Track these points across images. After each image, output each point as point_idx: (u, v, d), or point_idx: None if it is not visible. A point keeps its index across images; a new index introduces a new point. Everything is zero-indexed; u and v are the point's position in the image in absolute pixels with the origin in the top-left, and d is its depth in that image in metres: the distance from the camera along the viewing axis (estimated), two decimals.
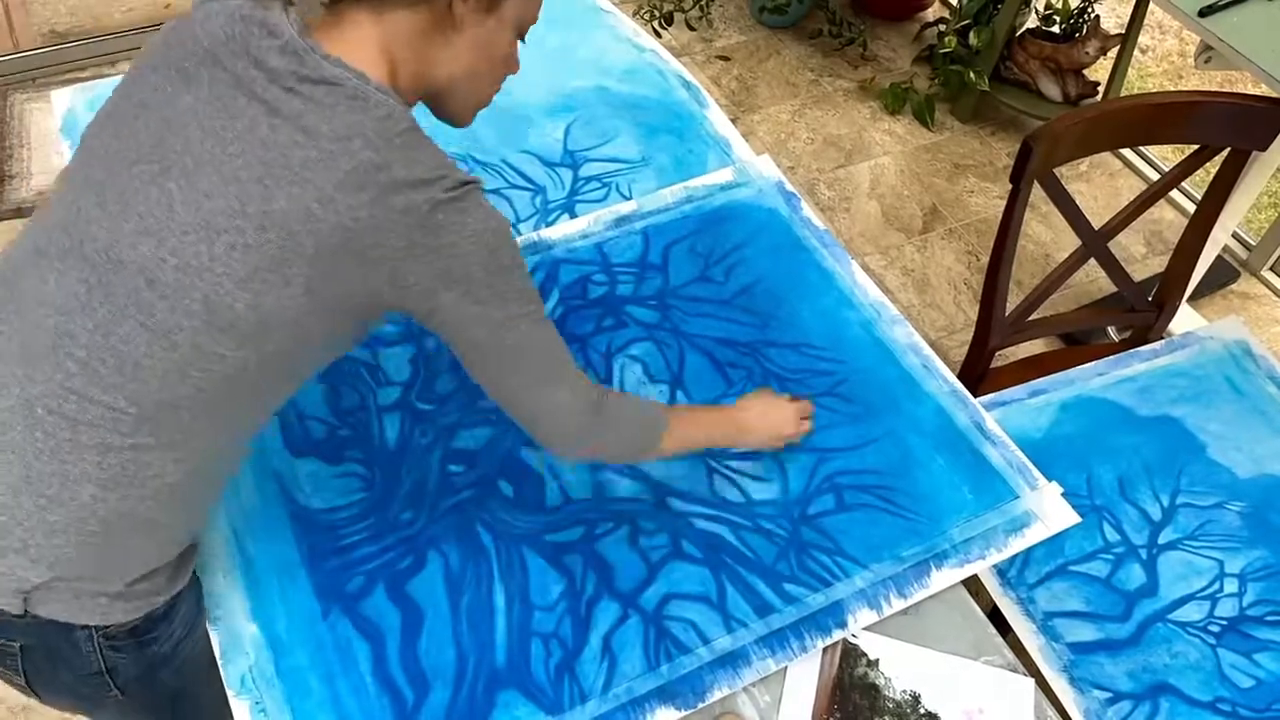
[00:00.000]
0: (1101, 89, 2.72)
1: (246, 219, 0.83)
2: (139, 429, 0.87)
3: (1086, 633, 1.21)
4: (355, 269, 0.86)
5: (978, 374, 1.65)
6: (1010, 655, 1.13)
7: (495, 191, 1.52)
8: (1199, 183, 2.44)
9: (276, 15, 0.87)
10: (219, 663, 1.04)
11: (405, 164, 0.85)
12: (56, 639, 0.94)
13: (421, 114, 0.95)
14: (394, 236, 0.85)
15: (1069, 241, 2.48)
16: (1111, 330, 2.25)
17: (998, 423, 1.31)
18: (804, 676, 1.09)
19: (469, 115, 1.05)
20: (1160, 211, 2.67)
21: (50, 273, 0.87)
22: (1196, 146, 1.57)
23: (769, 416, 1.21)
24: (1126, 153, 2.81)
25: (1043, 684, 1.14)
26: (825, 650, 1.11)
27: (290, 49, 0.85)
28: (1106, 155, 2.81)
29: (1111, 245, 1.63)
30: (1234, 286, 2.53)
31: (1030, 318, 1.64)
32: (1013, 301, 1.61)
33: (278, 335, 0.87)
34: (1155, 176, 2.70)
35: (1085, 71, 2.73)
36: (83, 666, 0.96)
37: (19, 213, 2.36)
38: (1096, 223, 1.60)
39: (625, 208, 1.51)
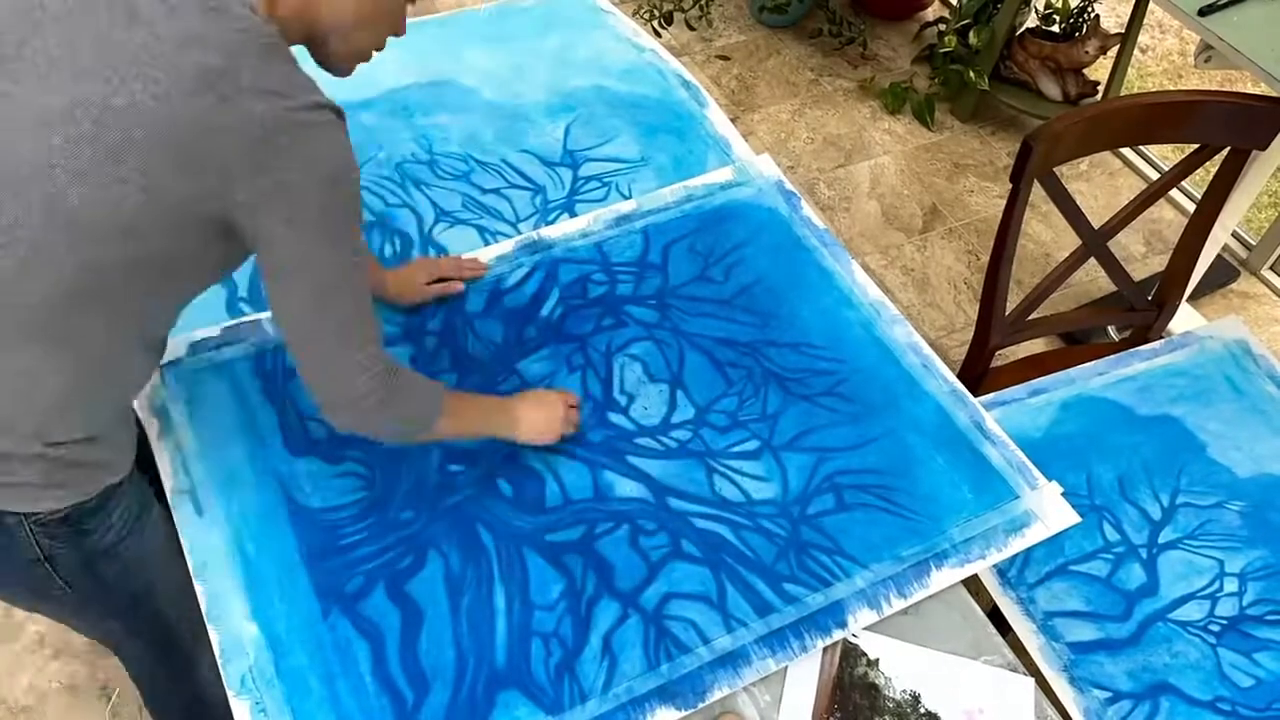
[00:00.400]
0: (1101, 88, 2.72)
1: (85, 112, 0.82)
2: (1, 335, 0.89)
3: (1086, 632, 1.21)
4: (188, 172, 0.85)
5: (977, 373, 1.65)
6: (1010, 655, 1.13)
7: (495, 191, 1.52)
8: (1199, 182, 2.44)
9: None
10: (219, 662, 1.04)
11: (254, 74, 0.85)
12: None
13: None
14: (229, 144, 0.84)
15: (1069, 241, 2.48)
16: (1111, 330, 2.25)
17: (998, 422, 1.31)
18: (804, 676, 1.09)
19: (349, 65, 1.04)
20: (1160, 211, 2.67)
21: None
22: (1196, 146, 1.57)
23: (539, 411, 1.19)
24: (1126, 152, 2.81)
25: (1043, 683, 1.14)
26: (825, 650, 1.11)
27: None
28: (1106, 154, 2.81)
29: (1111, 244, 1.63)
30: (1234, 286, 2.53)
31: (1030, 317, 1.64)
32: (1013, 301, 1.61)
33: (116, 240, 0.86)
34: (1155, 176, 2.70)
35: (1085, 71, 2.73)
36: (22, 552, 0.99)
37: None
38: (1096, 222, 1.60)
39: (625, 207, 1.51)
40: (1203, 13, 1.85)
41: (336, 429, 1.02)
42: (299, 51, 0.94)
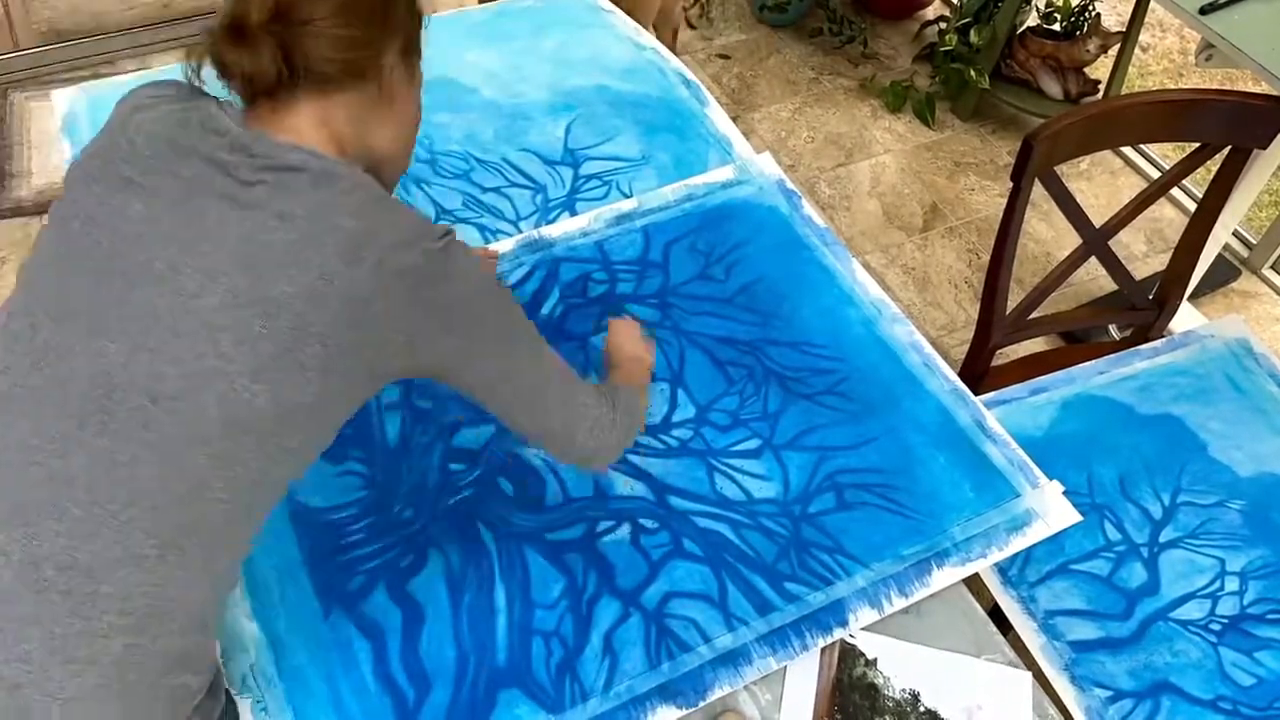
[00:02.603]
0: (1102, 87, 2.72)
1: (249, 309, 0.79)
2: (162, 562, 0.81)
3: (1087, 631, 1.21)
4: (369, 339, 0.84)
5: (978, 372, 1.65)
6: (1011, 653, 1.13)
7: (496, 190, 1.52)
8: (1200, 181, 2.44)
9: (214, 111, 0.86)
10: (220, 661, 1.04)
11: (391, 226, 0.85)
12: None
13: None
14: (401, 299, 0.84)
15: (1070, 240, 2.47)
16: (1112, 328, 2.25)
17: (999, 421, 1.31)
18: (805, 675, 1.09)
19: (396, 184, 1.05)
20: (1161, 210, 2.67)
21: (22, 418, 0.81)
22: (1197, 145, 1.57)
23: (642, 355, 1.24)
24: (1127, 151, 2.81)
25: (1044, 682, 1.14)
26: (823, 651, 1.11)
27: (239, 143, 0.83)
28: (1107, 153, 2.81)
29: (1112, 243, 1.63)
30: (1235, 285, 2.53)
31: (1031, 316, 1.64)
32: (1013, 300, 1.61)
33: (300, 425, 0.84)
34: (1156, 175, 2.70)
35: (1086, 69, 2.73)
36: None
37: (18, 210, 2.36)
38: (1097, 221, 1.60)
39: (626, 205, 1.51)
40: (1204, 11, 1.85)
41: (600, 470, 1.15)
42: None
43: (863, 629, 1.12)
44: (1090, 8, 2.70)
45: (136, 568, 0.80)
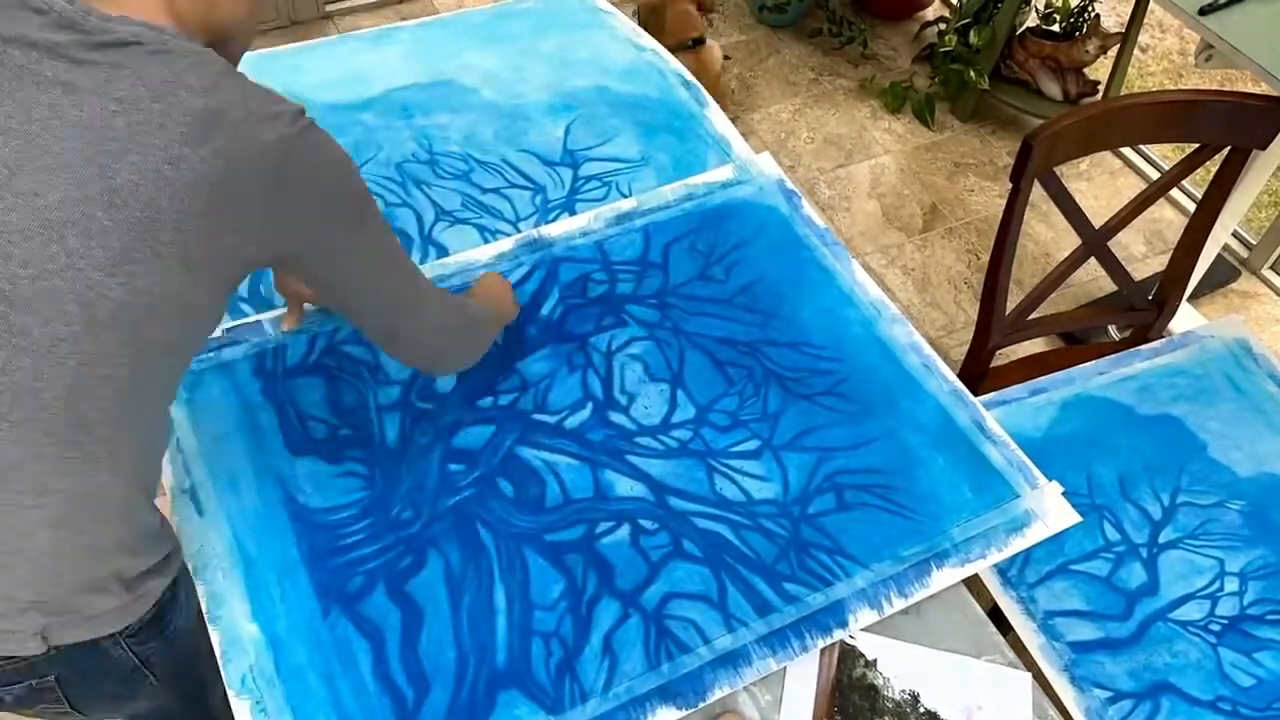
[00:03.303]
0: (1102, 88, 2.72)
1: (93, 202, 0.76)
2: (65, 460, 0.82)
3: (1087, 632, 1.21)
4: (225, 224, 0.81)
5: (978, 373, 1.65)
6: (1011, 654, 1.13)
7: (495, 190, 1.52)
8: (1199, 181, 2.44)
9: None
10: (220, 661, 1.04)
11: (239, 105, 0.80)
12: (88, 658, 0.95)
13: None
14: (254, 182, 0.81)
15: (1069, 240, 2.48)
16: (1112, 329, 2.25)
17: (998, 422, 1.31)
18: (804, 676, 1.09)
19: (239, 56, 0.97)
20: (1160, 210, 2.67)
21: None
22: (1197, 145, 1.57)
23: (499, 297, 1.29)
24: (1127, 151, 2.81)
25: (1043, 683, 1.14)
26: (823, 652, 1.11)
27: (65, 20, 0.77)
28: (1107, 154, 2.81)
29: (1112, 244, 1.63)
30: (1234, 285, 2.53)
31: (1030, 317, 1.64)
32: (1013, 300, 1.61)
33: (169, 315, 0.82)
34: (1155, 175, 2.70)
35: (1085, 70, 2.73)
36: (119, 669, 0.98)
37: None
38: (1097, 222, 1.60)
39: (625, 205, 1.51)
40: (1203, 12, 1.85)
41: (444, 374, 1.16)
42: None
43: (862, 630, 1.12)
44: (1089, 8, 2.70)
45: (41, 465, 0.82)
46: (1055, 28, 2.76)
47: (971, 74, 2.68)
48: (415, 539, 1.15)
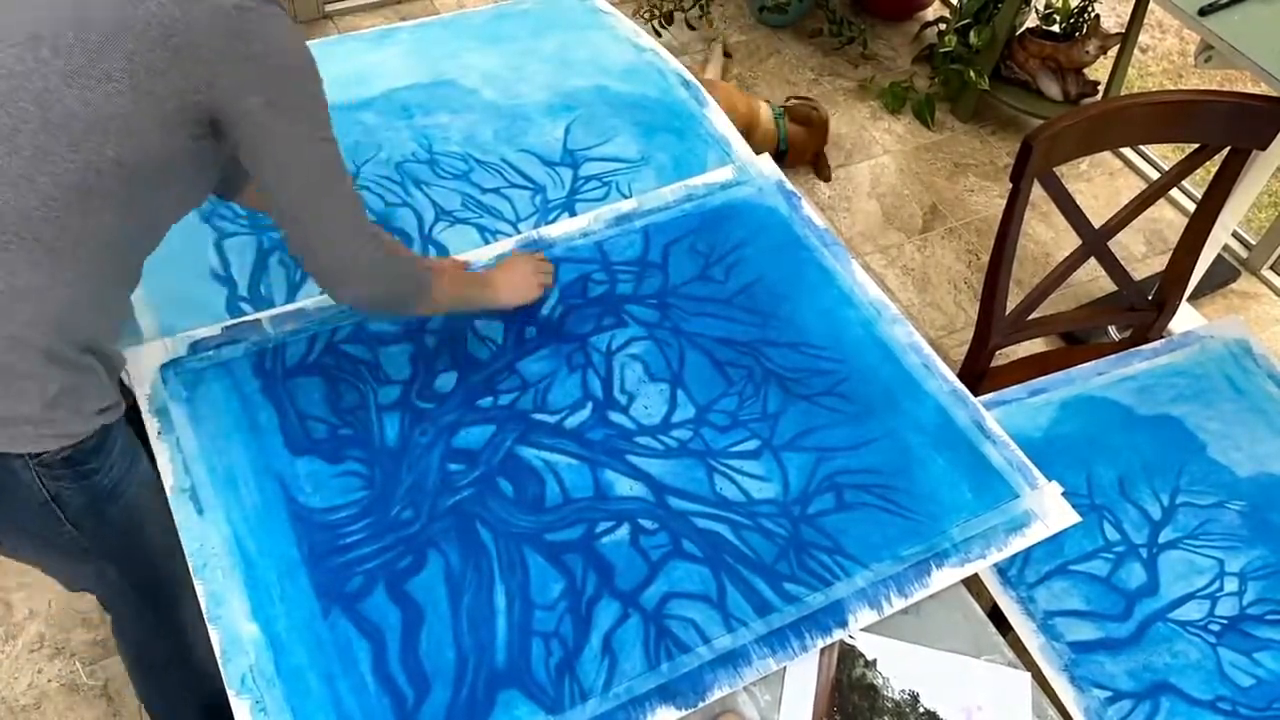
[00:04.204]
0: (1102, 88, 2.72)
1: (64, 23, 0.89)
2: (7, 250, 0.91)
3: (1087, 632, 1.21)
4: (173, 65, 0.91)
5: (978, 373, 1.65)
6: (1010, 654, 1.13)
7: (495, 190, 1.52)
8: (1199, 182, 2.44)
9: None
10: (220, 661, 1.04)
11: None
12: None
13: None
14: (206, 35, 0.92)
15: (1069, 241, 2.48)
16: (1112, 329, 2.25)
17: (998, 422, 1.31)
18: (804, 676, 1.09)
19: None
20: (1160, 211, 2.67)
21: None
22: (1196, 146, 1.57)
23: (512, 273, 1.32)
24: (1127, 152, 2.81)
25: (1043, 683, 1.14)
26: (822, 652, 1.11)
27: None
28: (1106, 154, 2.81)
29: (1112, 244, 1.63)
30: (1234, 285, 2.53)
31: (1030, 317, 1.64)
32: (1013, 300, 1.61)
33: (112, 134, 0.91)
34: (1155, 176, 2.70)
35: (1085, 70, 2.73)
36: (29, 496, 1.01)
37: None
38: (1097, 222, 1.60)
39: (625, 206, 1.51)
40: (1203, 12, 1.85)
41: (339, 300, 1.10)
42: None
43: (862, 630, 1.12)
44: (1089, 9, 2.70)
45: None
46: (1055, 28, 2.76)
47: (971, 74, 2.68)
48: (415, 539, 1.15)
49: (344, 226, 1.04)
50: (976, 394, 1.36)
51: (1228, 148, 1.58)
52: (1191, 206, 1.90)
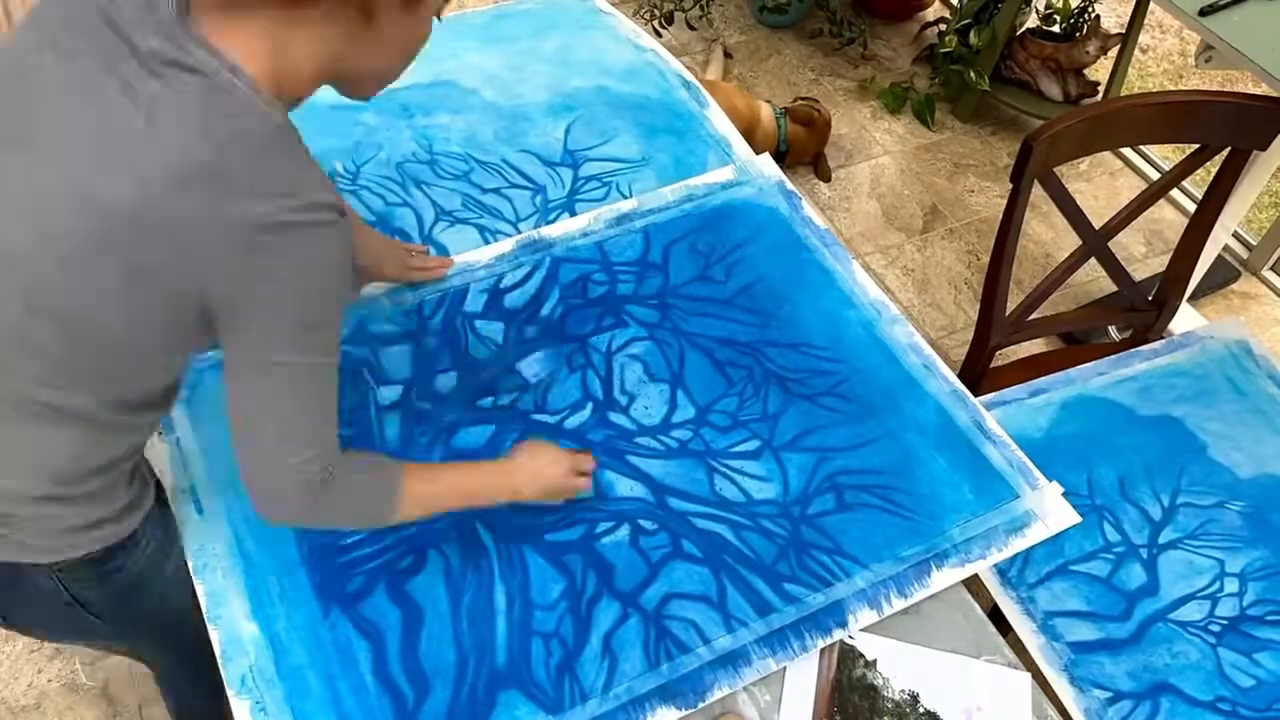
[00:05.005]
0: (1102, 88, 2.72)
1: (71, 199, 0.79)
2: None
3: (1087, 632, 1.21)
4: (169, 266, 0.80)
5: (978, 373, 1.65)
6: (1010, 655, 1.13)
7: (495, 190, 1.52)
8: (1199, 182, 2.44)
9: None
10: (220, 661, 1.04)
11: (248, 172, 0.79)
12: (17, 578, 0.97)
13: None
14: (212, 242, 0.79)
15: (1069, 241, 2.48)
16: (1112, 330, 2.25)
17: (998, 422, 1.31)
18: (804, 676, 1.09)
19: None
20: (1160, 211, 2.67)
21: None
22: (1197, 146, 1.57)
23: (542, 477, 1.10)
24: (1127, 152, 2.81)
25: (1043, 683, 1.14)
26: (823, 652, 1.11)
27: (164, 27, 0.78)
28: (1107, 155, 2.81)
29: (1112, 245, 1.63)
30: (1234, 286, 2.53)
31: (1031, 317, 1.64)
32: (1013, 301, 1.61)
33: (99, 328, 0.83)
34: (1155, 176, 2.70)
35: (1085, 71, 2.73)
36: (53, 600, 0.99)
37: None
38: (1097, 222, 1.60)
39: (626, 206, 1.51)
40: (1203, 13, 1.85)
41: (269, 521, 0.95)
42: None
43: (862, 630, 1.12)
44: (1090, 9, 2.70)
45: None
46: (1055, 29, 2.76)
47: (972, 75, 2.68)
48: (415, 539, 1.15)
49: (285, 450, 0.89)
50: (977, 394, 1.36)
51: (1228, 148, 1.58)
52: (1192, 207, 1.90)
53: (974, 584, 1.19)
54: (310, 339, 0.87)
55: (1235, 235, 2.57)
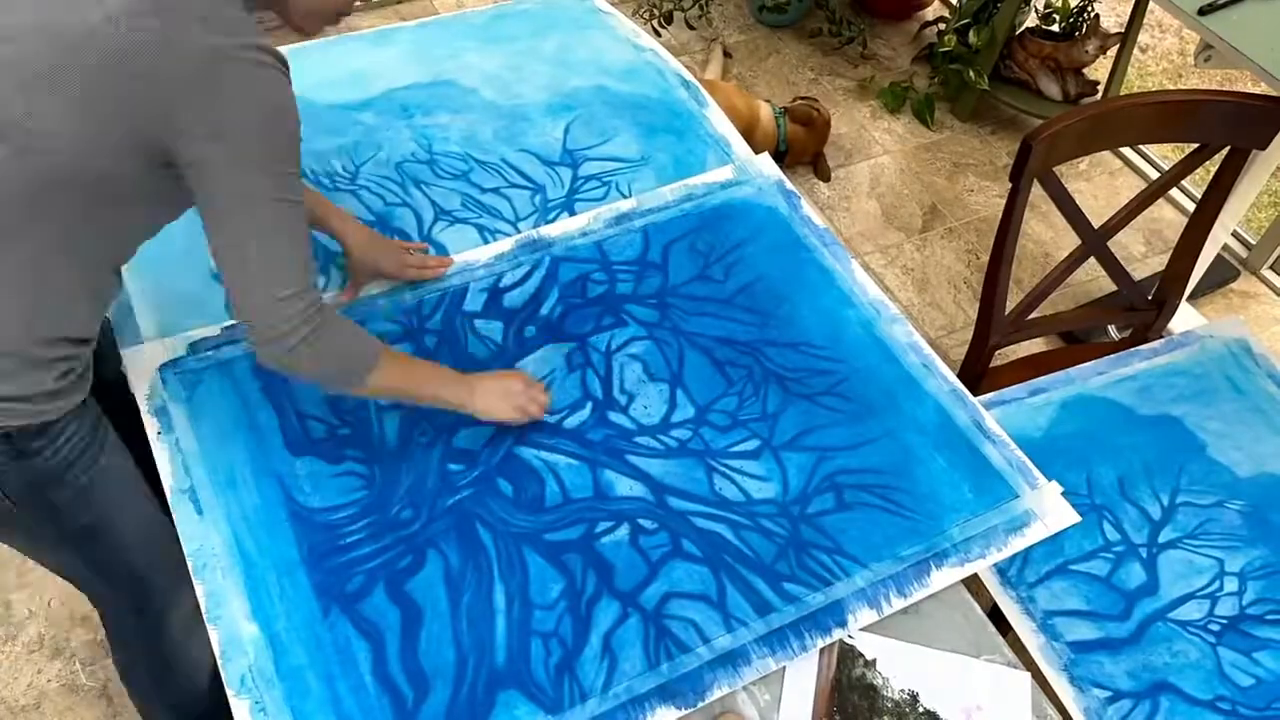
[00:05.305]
0: (1101, 88, 2.72)
1: (37, 32, 0.89)
2: None
3: (1086, 631, 1.21)
4: (129, 90, 0.89)
5: (977, 373, 1.65)
6: (1010, 654, 1.13)
7: (495, 190, 1.52)
8: (1199, 181, 2.44)
9: None
10: (220, 661, 1.04)
11: (204, 7, 0.90)
12: None
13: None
14: (173, 71, 0.89)
15: (1069, 240, 2.48)
16: (1111, 329, 2.25)
17: (998, 421, 1.31)
18: (804, 676, 1.09)
19: (315, 24, 1.08)
20: (1160, 210, 2.67)
21: None
22: (1196, 145, 1.57)
23: (498, 385, 1.20)
24: (1126, 151, 2.81)
25: (1043, 683, 1.14)
26: (822, 651, 1.11)
27: None
28: (1106, 154, 2.81)
29: (1111, 244, 1.63)
30: (1234, 285, 2.53)
31: (1030, 316, 1.64)
32: (1013, 300, 1.61)
33: (58, 154, 0.91)
34: (1155, 175, 2.70)
35: (1085, 70, 2.73)
36: None
37: None
38: (1096, 221, 1.60)
39: (625, 205, 1.51)
40: (1203, 12, 1.85)
41: (260, 362, 1.05)
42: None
43: (862, 629, 1.12)
44: (1089, 9, 2.70)
45: None
46: (1055, 28, 2.76)
47: (971, 74, 2.68)
48: (415, 539, 1.15)
49: (274, 281, 0.98)
50: (976, 394, 1.36)
51: (1227, 147, 1.58)
52: (1191, 206, 1.90)
53: (974, 583, 1.19)
54: (278, 175, 0.96)
55: (1235, 234, 2.57)
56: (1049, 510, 1.22)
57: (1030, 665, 1.15)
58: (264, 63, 0.93)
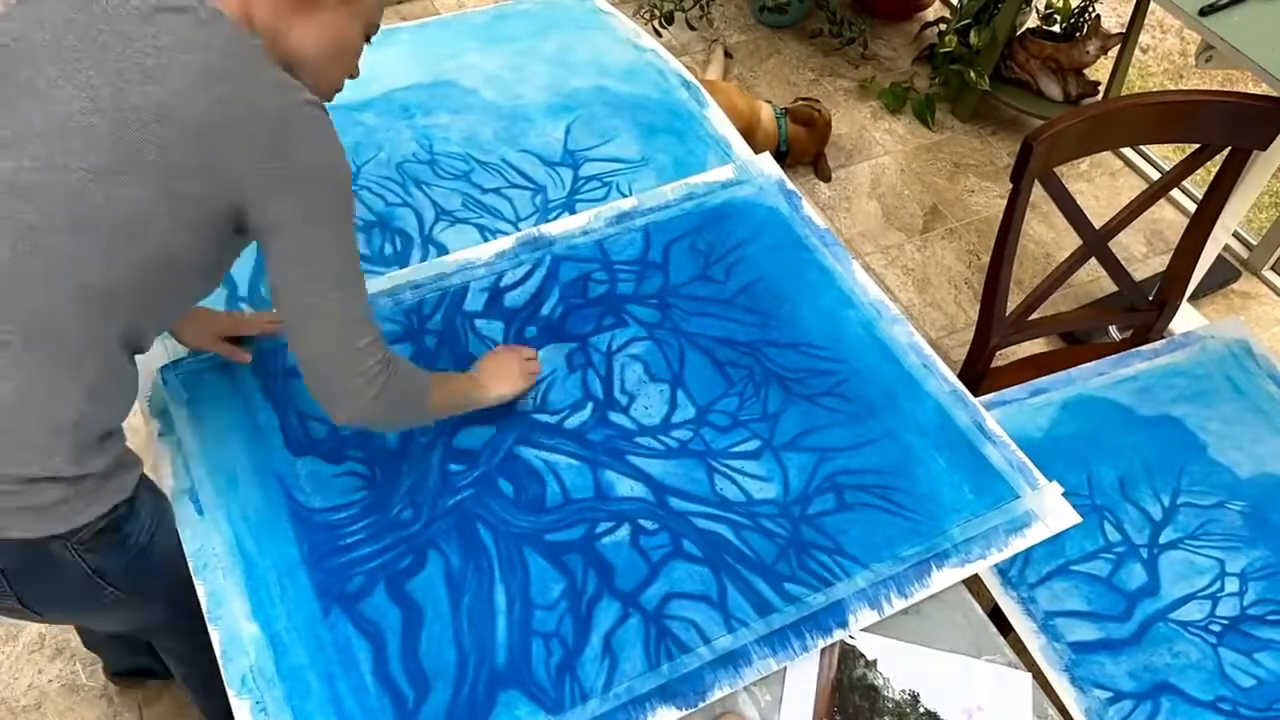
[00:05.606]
0: (1102, 88, 2.72)
1: (100, 115, 0.88)
2: (10, 349, 0.90)
3: (1087, 632, 1.21)
4: (204, 162, 0.90)
5: (978, 373, 1.65)
6: (1011, 655, 1.13)
7: (496, 190, 1.52)
8: (1200, 182, 2.44)
9: None
10: (220, 661, 1.04)
11: (255, 72, 0.92)
12: (36, 556, 0.97)
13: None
14: (242, 134, 0.90)
15: (1070, 241, 2.48)
16: (1112, 329, 2.25)
17: (998, 422, 1.31)
18: (804, 676, 1.09)
19: (315, 92, 1.05)
20: (1161, 211, 2.67)
21: None
22: (1197, 146, 1.57)
23: (500, 368, 1.24)
24: (1127, 152, 2.81)
25: (1044, 683, 1.14)
26: (823, 652, 1.11)
27: None
28: (1107, 155, 2.81)
29: (1112, 245, 1.63)
30: (1235, 286, 2.53)
31: (1031, 317, 1.64)
32: (1013, 301, 1.61)
33: (139, 236, 0.90)
34: (1156, 176, 2.70)
35: (1086, 71, 2.73)
36: (71, 572, 1.00)
37: None
38: (1097, 222, 1.60)
39: (626, 204, 1.51)
40: (1203, 12, 1.85)
41: (336, 422, 1.04)
42: None
43: (862, 630, 1.12)
44: (1090, 9, 2.70)
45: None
46: (1055, 28, 2.76)
47: (972, 75, 2.68)
48: (415, 539, 1.15)
49: (357, 333, 0.99)
50: (977, 394, 1.36)
51: (1228, 148, 1.57)
52: (1192, 206, 1.90)
53: (974, 584, 1.19)
54: (345, 223, 0.97)
55: (1235, 235, 2.57)
56: (1050, 511, 1.22)
57: (1031, 666, 1.15)
58: (321, 116, 0.96)
